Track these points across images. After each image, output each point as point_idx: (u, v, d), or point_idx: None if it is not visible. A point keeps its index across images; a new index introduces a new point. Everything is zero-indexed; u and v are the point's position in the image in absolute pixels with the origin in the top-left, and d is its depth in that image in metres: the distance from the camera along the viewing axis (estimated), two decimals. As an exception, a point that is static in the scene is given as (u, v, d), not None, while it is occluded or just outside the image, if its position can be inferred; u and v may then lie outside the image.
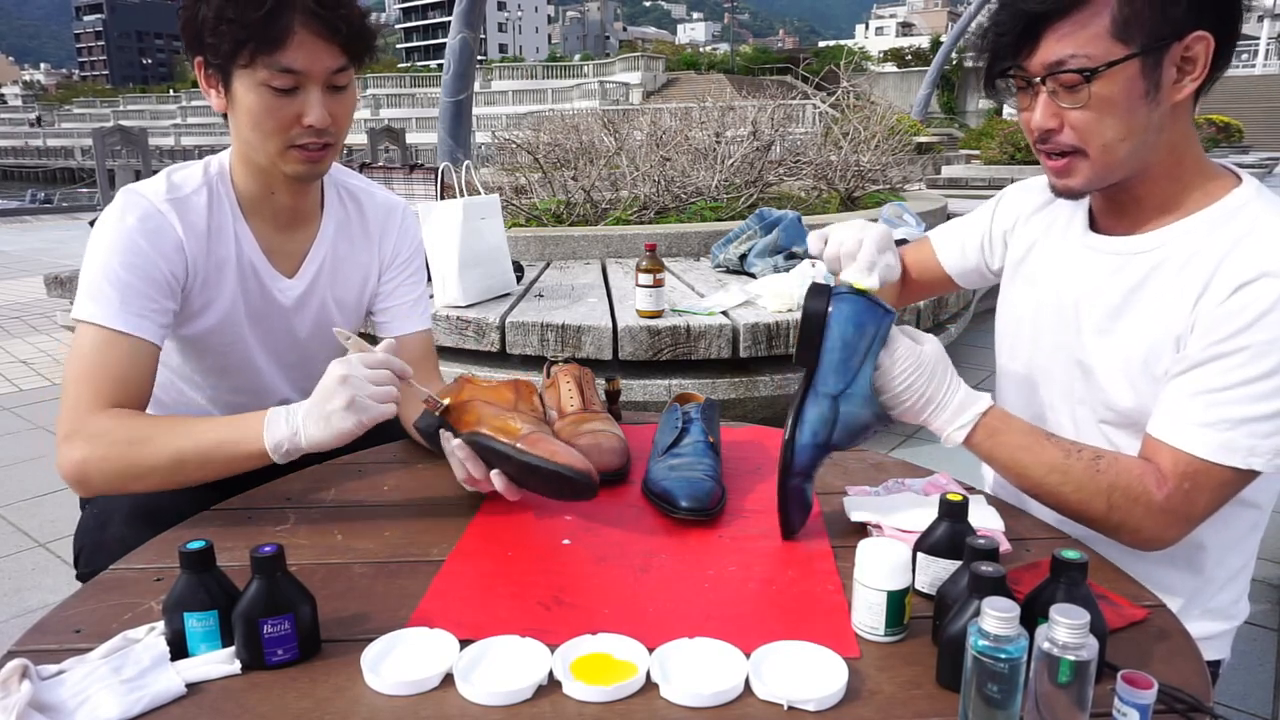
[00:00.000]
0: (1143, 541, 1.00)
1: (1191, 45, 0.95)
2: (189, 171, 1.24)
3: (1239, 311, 0.95)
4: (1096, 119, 0.97)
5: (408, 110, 39.08)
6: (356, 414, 1.01)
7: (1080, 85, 0.95)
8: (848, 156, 5.92)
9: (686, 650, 0.78)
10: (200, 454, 1.05)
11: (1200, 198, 1.04)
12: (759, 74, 43.68)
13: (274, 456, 1.04)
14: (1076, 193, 1.06)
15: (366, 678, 0.75)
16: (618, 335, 2.88)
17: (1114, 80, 0.95)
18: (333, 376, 1.02)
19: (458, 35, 6.02)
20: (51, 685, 0.74)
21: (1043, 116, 1.00)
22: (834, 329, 0.98)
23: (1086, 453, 1.01)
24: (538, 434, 1.04)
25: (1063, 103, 0.98)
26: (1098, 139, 0.99)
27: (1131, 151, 1.00)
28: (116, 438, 1.06)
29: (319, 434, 1.02)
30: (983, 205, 1.37)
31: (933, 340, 1.02)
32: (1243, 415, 0.95)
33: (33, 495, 2.89)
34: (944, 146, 16.14)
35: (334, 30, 1.13)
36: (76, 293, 1.15)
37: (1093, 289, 1.11)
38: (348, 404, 1.00)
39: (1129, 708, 0.64)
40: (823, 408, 0.99)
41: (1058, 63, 0.96)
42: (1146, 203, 1.06)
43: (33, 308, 5.84)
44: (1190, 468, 0.96)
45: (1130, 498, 0.98)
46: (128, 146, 8.43)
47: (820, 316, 0.99)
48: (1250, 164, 12.99)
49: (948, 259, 1.38)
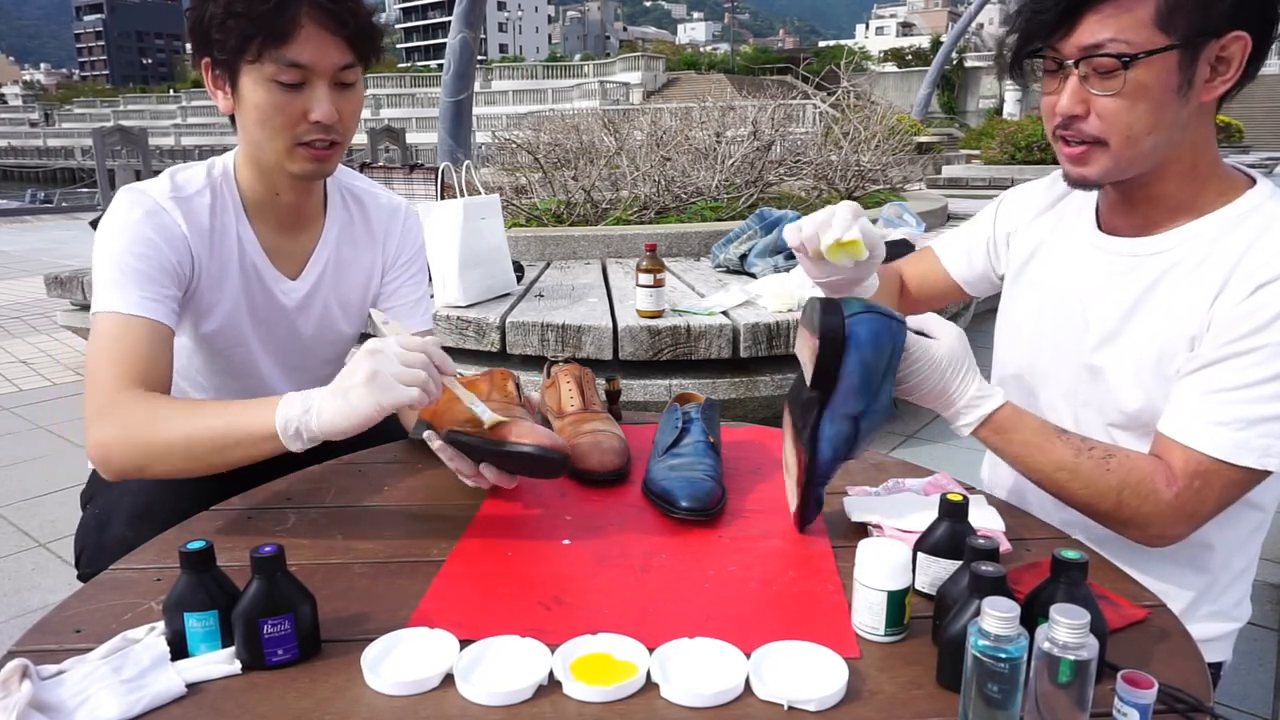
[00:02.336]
0: (1149, 538, 1.01)
1: (1229, 45, 0.94)
2: (192, 172, 1.24)
3: (1256, 311, 0.95)
4: (1127, 108, 0.95)
5: (408, 110, 39.08)
6: (376, 393, 0.93)
7: (1116, 71, 0.94)
8: (848, 156, 5.92)
9: (687, 650, 0.78)
10: (212, 435, 1.02)
11: (1214, 199, 1.03)
12: (759, 74, 43.67)
13: (284, 439, 0.98)
14: (1091, 183, 1.04)
15: (366, 678, 0.75)
16: (618, 335, 2.88)
17: (1151, 69, 0.93)
18: (361, 351, 0.96)
19: (458, 35, 6.02)
20: (51, 685, 0.74)
21: (1070, 101, 0.98)
22: (853, 354, 0.93)
23: (1098, 450, 1.00)
24: (507, 421, 1.03)
25: (1093, 89, 0.96)
26: (1123, 129, 0.97)
27: (1154, 146, 0.98)
28: (134, 417, 1.05)
29: (333, 414, 0.95)
30: (983, 210, 1.36)
31: (948, 334, 1.00)
32: (1258, 415, 0.94)
33: (33, 495, 2.89)
34: (944, 146, 16.14)
35: (341, 23, 1.13)
36: (94, 291, 1.14)
37: (1101, 290, 1.10)
38: (370, 377, 0.93)
39: (1129, 708, 0.64)
40: (842, 427, 0.96)
41: (1095, 45, 0.94)
42: (1161, 202, 1.05)
43: (33, 308, 5.84)
44: (1201, 466, 0.96)
45: (1140, 495, 0.98)
46: (128, 146, 8.43)
47: (838, 343, 0.93)
48: (1250, 164, 12.97)
49: (955, 267, 1.37)
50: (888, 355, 0.95)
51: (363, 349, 0.96)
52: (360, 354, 0.96)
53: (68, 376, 4.28)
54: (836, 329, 0.93)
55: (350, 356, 1.02)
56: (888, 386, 0.96)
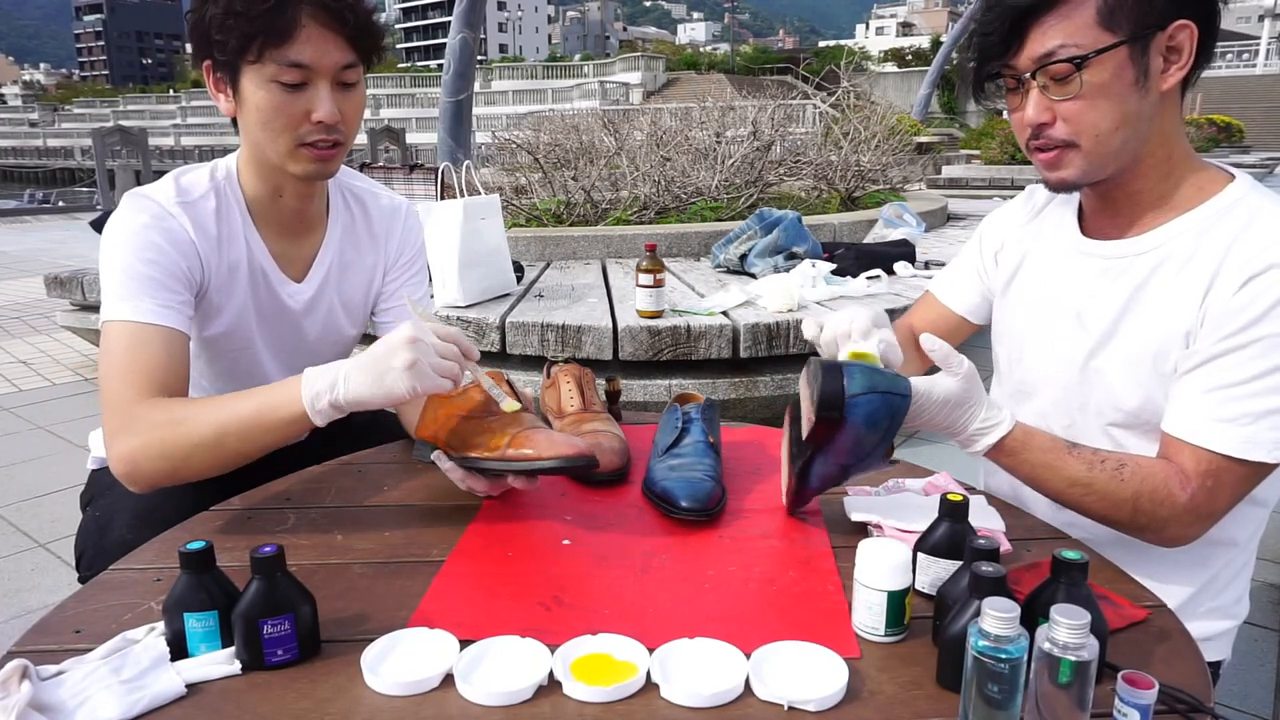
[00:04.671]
0: (1166, 540, 1.01)
1: (1175, 34, 0.97)
2: (195, 175, 1.24)
3: (1249, 304, 0.95)
4: (1090, 107, 0.98)
5: (408, 110, 39.05)
6: (414, 379, 0.96)
7: (1071, 75, 0.97)
8: (848, 156, 5.93)
9: (687, 650, 0.78)
10: (240, 424, 1.02)
11: (1193, 194, 1.04)
12: (759, 74, 43.66)
13: (312, 415, 1.00)
14: (1070, 185, 1.06)
15: (366, 678, 0.75)
16: (618, 335, 2.88)
17: (1104, 67, 0.96)
18: (400, 335, 0.97)
19: (458, 35, 6.02)
20: (51, 686, 0.74)
21: (1035, 111, 1.01)
22: (848, 429, 0.93)
23: (1110, 462, 1.00)
24: (521, 433, 1.04)
25: (1054, 95, 0.99)
26: (1091, 129, 0.99)
27: (1124, 140, 1.00)
28: (158, 421, 1.05)
29: (364, 389, 0.98)
30: (968, 241, 1.38)
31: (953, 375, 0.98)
32: (1264, 408, 0.95)
33: (33, 495, 2.89)
34: (944, 146, 16.14)
35: (342, 22, 1.12)
36: (103, 300, 1.13)
37: (1091, 294, 1.11)
38: (409, 365, 0.96)
39: (1129, 708, 0.64)
40: (832, 470, 0.98)
41: (1047, 55, 0.97)
42: (1140, 199, 1.07)
43: (33, 308, 5.84)
44: (1213, 465, 0.97)
45: (1156, 501, 0.98)
46: (128, 146, 8.44)
47: (835, 421, 0.93)
48: (1251, 164, 12.99)
49: (956, 301, 1.37)
50: (884, 429, 0.94)
51: (401, 333, 0.97)
52: (400, 339, 0.97)
53: (68, 377, 4.28)
54: (835, 407, 0.92)
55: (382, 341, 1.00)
56: (882, 448, 0.96)
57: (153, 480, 1.06)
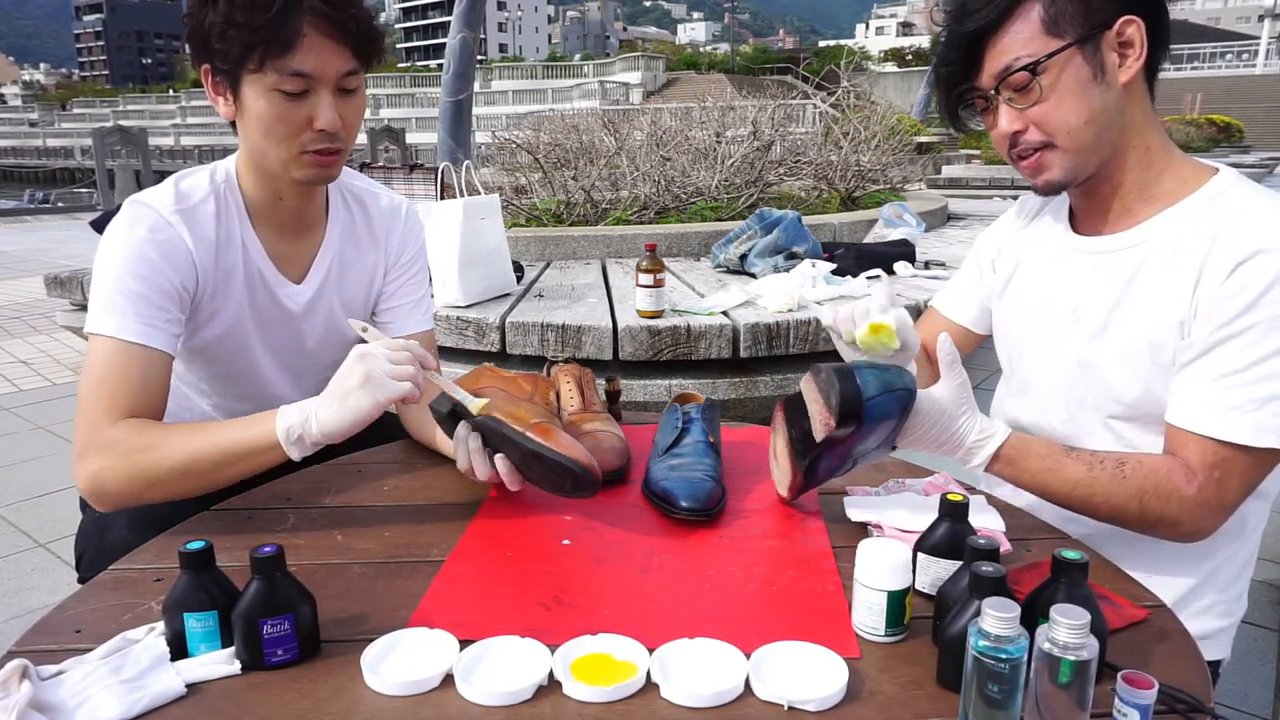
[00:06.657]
0: (1183, 536, 1.01)
1: (1123, 29, 1.01)
2: (195, 179, 1.23)
3: (1240, 291, 0.96)
4: (1054, 107, 1.03)
5: (408, 110, 39.05)
6: (373, 392, 0.98)
7: (1030, 83, 1.02)
8: (848, 156, 5.92)
9: (687, 650, 0.78)
10: (214, 454, 1.04)
11: (1179, 187, 1.07)
12: (759, 74, 43.67)
13: (286, 447, 1.03)
14: (1057, 185, 1.09)
15: (366, 678, 0.75)
16: (618, 335, 2.88)
17: (1058, 69, 1.01)
18: (350, 358, 1.02)
19: (458, 35, 6.02)
20: (51, 685, 0.74)
21: (1007, 122, 1.07)
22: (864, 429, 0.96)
23: (1110, 460, 1.01)
24: (548, 424, 1.05)
25: (1019, 105, 1.05)
26: (1062, 126, 1.04)
27: (1098, 134, 1.04)
28: (130, 446, 1.05)
29: (332, 417, 1.00)
30: (967, 257, 1.41)
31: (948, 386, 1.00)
32: (1266, 394, 0.95)
33: (33, 495, 2.89)
34: (944, 146, 16.12)
35: (344, 31, 1.12)
36: (89, 309, 1.14)
37: (1084, 287, 1.13)
38: (363, 380, 0.99)
39: (1129, 708, 0.64)
40: (841, 463, 1.02)
41: (1005, 69, 1.03)
42: (1125, 192, 1.09)
43: (33, 308, 5.84)
44: (1219, 455, 0.97)
45: (1161, 496, 0.98)
46: (127, 146, 8.45)
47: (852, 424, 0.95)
48: (1251, 164, 12.98)
49: (958, 314, 1.39)
50: (895, 422, 0.97)
51: (351, 355, 1.02)
52: (350, 360, 1.02)
53: (67, 376, 4.29)
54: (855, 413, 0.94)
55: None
56: (891, 438, 1.00)
57: (118, 501, 1.07)
